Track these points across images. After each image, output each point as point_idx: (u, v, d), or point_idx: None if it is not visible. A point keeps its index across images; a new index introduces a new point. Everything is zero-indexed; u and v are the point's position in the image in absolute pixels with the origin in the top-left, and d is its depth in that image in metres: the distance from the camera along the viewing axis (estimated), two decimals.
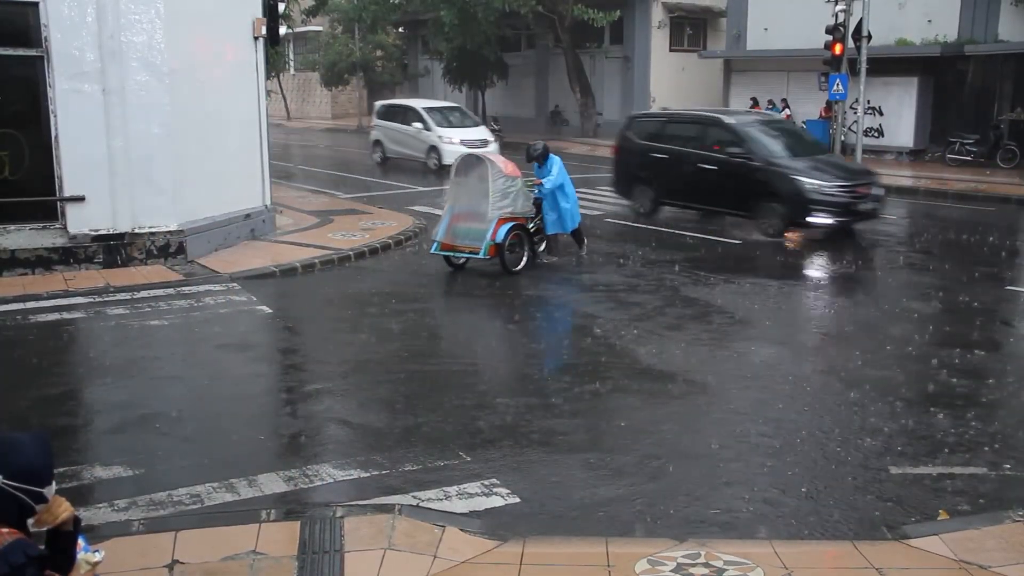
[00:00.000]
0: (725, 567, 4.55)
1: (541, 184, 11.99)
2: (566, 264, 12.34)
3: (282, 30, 19.12)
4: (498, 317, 10.21)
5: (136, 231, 11.50)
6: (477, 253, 11.17)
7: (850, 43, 21.12)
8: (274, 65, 41.45)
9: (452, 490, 5.51)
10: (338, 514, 4.98)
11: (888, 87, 25.01)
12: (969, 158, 23.08)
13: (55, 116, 10.92)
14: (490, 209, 11.14)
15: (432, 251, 11.68)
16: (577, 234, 12.57)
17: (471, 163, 11.73)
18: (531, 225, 11.90)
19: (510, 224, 11.33)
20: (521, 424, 6.59)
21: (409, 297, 10.64)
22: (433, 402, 7.11)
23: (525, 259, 11.65)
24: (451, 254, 11.60)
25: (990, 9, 23.54)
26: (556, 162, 12.10)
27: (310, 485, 5.62)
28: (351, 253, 12.37)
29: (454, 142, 23.05)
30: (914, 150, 25.31)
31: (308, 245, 12.93)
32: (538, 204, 11.98)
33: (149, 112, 11.27)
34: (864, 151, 21.69)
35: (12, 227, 11.05)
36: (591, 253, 12.69)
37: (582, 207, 13.37)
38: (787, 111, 27.58)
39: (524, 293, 10.80)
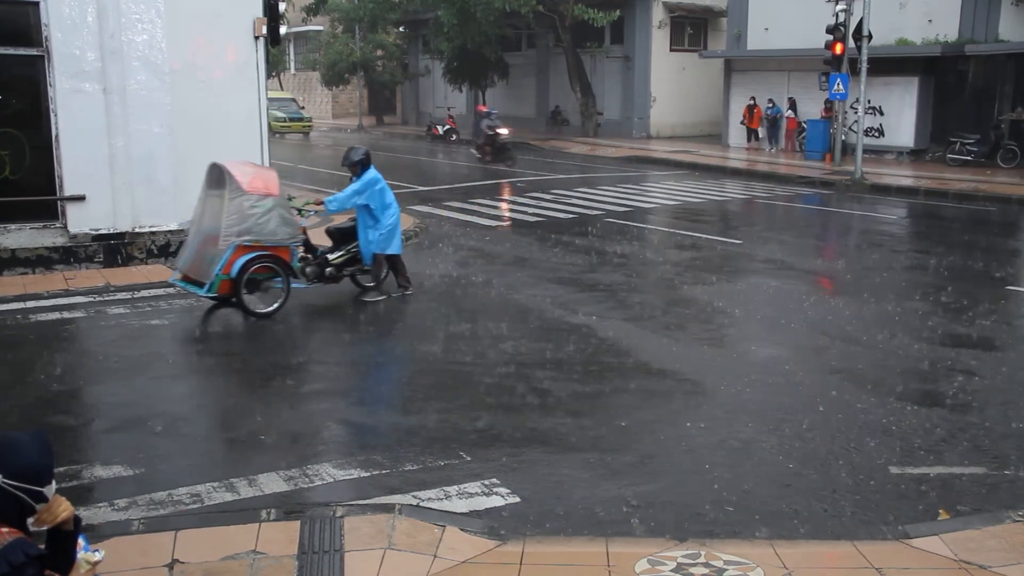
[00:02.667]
0: (725, 567, 4.56)
1: (323, 203, 10.19)
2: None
3: (282, 29, 19.13)
4: (493, 317, 10.22)
5: (137, 230, 11.51)
6: (201, 288, 9.19)
7: (850, 43, 21.17)
8: (275, 65, 41.67)
9: (452, 490, 5.51)
10: (338, 514, 4.98)
11: (889, 87, 25.02)
12: (970, 158, 23.09)
13: (56, 115, 10.93)
14: (222, 234, 9.04)
15: (171, 281, 9.94)
16: (393, 265, 10.48)
17: (215, 174, 9.55)
18: (337, 256, 10.13)
19: (252, 255, 9.16)
20: (521, 423, 6.59)
21: (409, 294, 10.63)
22: (434, 401, 7.11)
23: (281, 300, 9.52)
24: (186, 286, 9.49)
25: (991, 9, 23.56)
26: (365, 179, 9.98)
27: (310, 485, 5.62)
28: None
29: None
30: (915, 150, 25.32)
31: None
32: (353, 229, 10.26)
33: (149, 111, 11.29)
34: (865, 151, 21.66)
35: (13, 226, 11.07)
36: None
37: (585, 205, 13.29)
38: (790, 113, 27.59)
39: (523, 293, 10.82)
